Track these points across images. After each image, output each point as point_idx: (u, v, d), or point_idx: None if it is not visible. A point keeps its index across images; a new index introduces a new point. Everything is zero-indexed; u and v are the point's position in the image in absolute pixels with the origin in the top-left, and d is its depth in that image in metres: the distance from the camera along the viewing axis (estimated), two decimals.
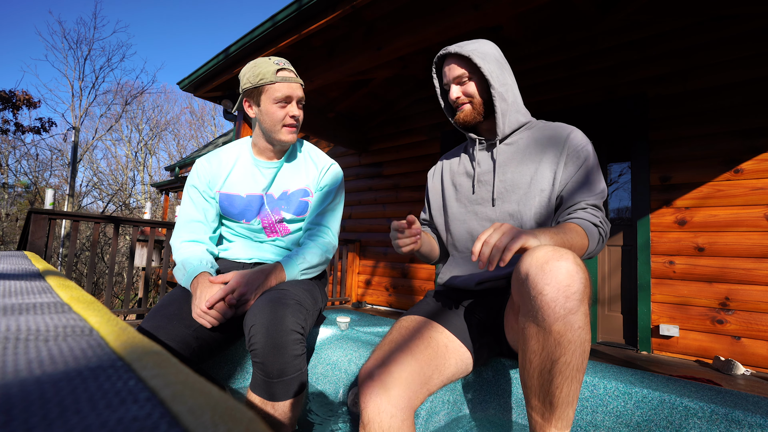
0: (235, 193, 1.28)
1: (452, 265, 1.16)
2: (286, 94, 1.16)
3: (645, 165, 2.90)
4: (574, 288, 0.70)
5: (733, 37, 2.65)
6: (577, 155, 1.03)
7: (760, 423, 0.79)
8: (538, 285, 0.71)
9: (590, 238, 0.96)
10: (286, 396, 1.00)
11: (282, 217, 1.29)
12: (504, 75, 1.08)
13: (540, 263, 0.72)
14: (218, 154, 1.32)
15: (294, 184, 1.31)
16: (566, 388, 0.74)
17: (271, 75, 1.15)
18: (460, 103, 1.10)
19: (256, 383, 1.01)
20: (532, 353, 0.76)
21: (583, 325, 0.71)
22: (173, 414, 0.17)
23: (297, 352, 1.02)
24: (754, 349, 2.45)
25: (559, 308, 0.70)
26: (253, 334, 0.99)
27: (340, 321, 1.51)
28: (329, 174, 1.34)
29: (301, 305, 1.08)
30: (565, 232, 0.91)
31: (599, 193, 1.02)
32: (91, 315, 0.39)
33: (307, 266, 1.23)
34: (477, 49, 1.06)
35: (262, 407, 1.00)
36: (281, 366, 0.99)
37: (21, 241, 3.33)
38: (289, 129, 1.21)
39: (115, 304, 10.63)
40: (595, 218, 0.98)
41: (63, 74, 24.86)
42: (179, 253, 1.24)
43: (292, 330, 1.01)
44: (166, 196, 10.25)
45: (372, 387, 0.80)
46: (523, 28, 3.32)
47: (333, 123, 4.42)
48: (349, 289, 4.56)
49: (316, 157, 1.35)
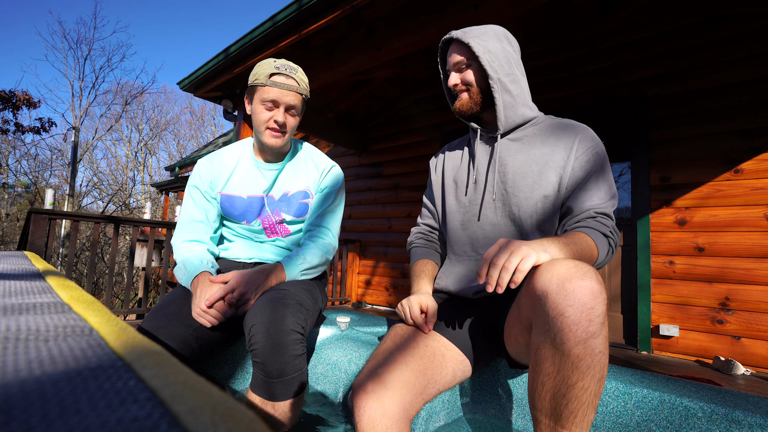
0: (236, 195, 1.28)
1: (449, 268, 1.12)
2: (273, 98, 1.15)
3: (645, 165, 2.90)
4: (598, 311, 0.66)
5: (733, 37, 2.65)
6: (587, 157, 0.97)
7: (760, 423, 0.79)
8: (559, 306, 0.66)
9: (600, 249, 0.91)
10: (286, 396, 1.00)
11: (282, 219, 1.30)
12: (510, 65, 1.01)
13: (560, 281, 0.67)
14: (220, 155, 1.32)
15: (295, 185, 1.31)
16: (581, 414, 0.68)
17: (264, 77, 1.15)
18: (458, 90, 1.06)
19: (257, 383, 1.01)
20: (546, 376, 0.71)
21: (604, 349, 0.67)
22: (173, 414, 0.17)
23: (297, 352, 1.01)
24: (754, 349, 2.45)
25: (581, 332, 0.65)
26: (253, 334, 0.99)
27: (340, 321, 1.51)
28: (330, 176, 1.34)
29: (302, 305, 1.08)
30: (575, 242, 0.85)
31: (610, 200, 0.95)
32: (91, 315, 0.39)
33: (307, 266, 1.23)
34: (481, 36, 1.01)
35: (263, 407, 1.00)
36: (281, 366, 0.98)
37: (21, 241, 3.34)
38: (272, 132, 1.19)
39: (115, 304, 10.62)
40: (605, 228, 0.92)
41: (63, 74, 24.89)
42: (180, 253, 1.24)
43: (293, 330, 1.01)
44: (166, 196, 10.25)
45: (366, 400, 0.79)
46: (523, 28, 3.32)
47: (333, 123, 4.42)
48: (349, 289, 4.56)
49: (317, 159, 1.35)
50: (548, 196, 0.99)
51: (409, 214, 4.31)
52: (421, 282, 1.09)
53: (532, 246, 0.75)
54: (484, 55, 0.99)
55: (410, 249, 1.27)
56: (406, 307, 0.98)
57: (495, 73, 0.99)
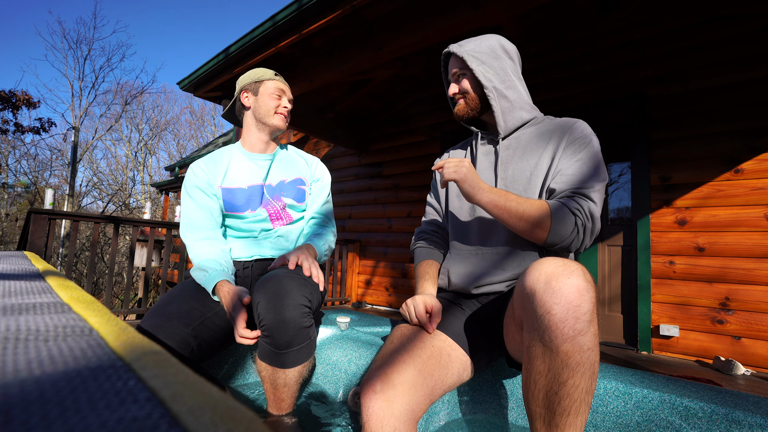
0: (237, 187, 1.33)
1: (451, 261, 1.14)
2: (281, 88, 1.37)
3: (645, 165, 2.90)
4: (584, 308, 0.67)
5: (733, 37, 2.65)
6: (575, 143, 1.00)
7: (760, 423, 0.79)
8: (545, 304, 0.68)
9: (556, 219, 0.91)
10: (295, 363, 1.05)
11: (285, 204, 1.36)
12: (506, 73, 1.08)
13: (547, 279, 0.69)
14: (211, 156, 1.39)
15: (290, 174, 1.40)
16: (574, 411, 0.69)
17: (270, 74, 1.37)
18: (456, 99, 1.15)
19: (265, 353, 1.05)
20: (538, 374, 0.72)
21: (593, 346, 0.68)
22: (173, 414, 0.17)
23: (305, 324, 1.05)
24: (755, 349, 2.45)
25: (568, 329, 0.66)
26: (260, 311, 1.03)
27: (340, 321, 1.51)
28: (321, 167, 1.49)
29: (305, 280, 1.12)
30: (517, 200, 0.94)
31: (594, 183, 0.96)
32: (91, 315, 0.39)
33: (326, 248, 1.36)
34: (474, 48, 1.09)
35: (273, 374, 1.06)
36: (290, 338, 1.02)
37: (21, 241, 3.33)
38: (281, 116, 1.37)
39: (115, 304, 10.63)
40: (574, 205, 0.92)
41: (63, 74, 24.85)
42: (195, 253, 1.25)
43: (300, 304, 1.04)
44: (166, 196, 10.25)
45: (375, 400, 0.79)
46: (523, 28, 3.32)
47: (333, 123, 4.42)
48: (349, 289, 4.55)
49: (302, 154, 1.50)
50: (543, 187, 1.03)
51: (409, 214, 4.31)
52: (425, 283, 1.11)
53: (470, 171, 0.97)
54: (478, 67, 1.07)
55: (414, 250, 1.28)
56: (411, 306, 0.99)
57: (489, 82, 1.07)
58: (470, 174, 0.97)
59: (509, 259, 1.03)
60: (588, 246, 0.96)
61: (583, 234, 0.93)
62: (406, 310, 1.01)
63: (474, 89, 1.10)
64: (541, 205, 0.93)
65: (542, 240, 0.95)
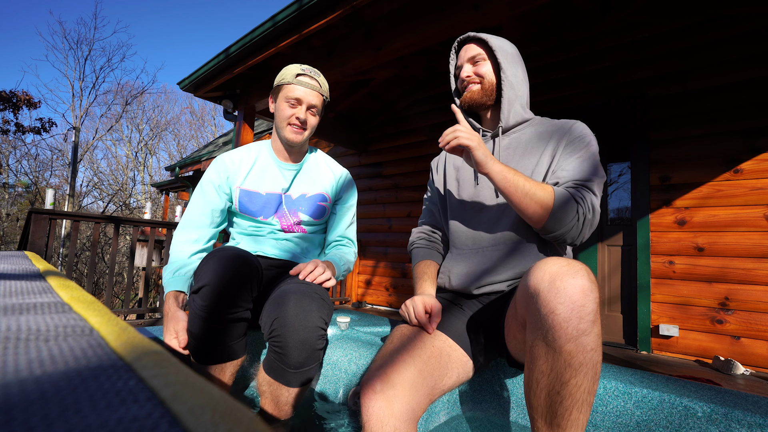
0: (255, 191, 1.31)
1: (452, 261, 1.14)
2: (297, 96, 1.23)
3: (645, 165, 2.90)
4: (588, 308, 0.67)
5: (733, 37, 2.65)
6: (575, 143, 1.02)
7: (759, 423, 0.79)
8: (549, 303, 0.68)
9: (558, 203, 0.91)
10: (302, 383, 1.04)
11: (300, 220, 1.33)
12: (516, 68, 1.11)
13: (551, 279, 0.69)
14: (239, 151, 1.35)
15: (313, 188, 1.36)
16: (576, 411, 0.69)
17: (290, 77, 1.23)
18: (470, 81, 1.12)
19: (272, 367, 1.03)
20: (540, 373, 0.72)
21: (596, 347, 0.68)
22: (173, 414, 0.17)
23: (319, 346, 1.04)
24: (754, 349, 2.45)
25: (572, 329, 0.66)
26: (275, 327, 1.01)
27: (340, 321, 1.51)
28: (347, 185, 1.43)
29: (324, 300, 1.11)
30: (527, 179, 0.92)
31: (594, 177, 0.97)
32: (92, 315, 0.39)
33: (345, 270, 1.34)
34: (496, 38, 1.11)
35: (277, 390, 1.04)
36: (303, 359, 1.01)
37: (21, 241, 3.34)
38: (293, 128, 1.25)
39: (116, 304, 10.63)
40: (578, 194, 0.93)
41: (63, 74, 24.82)
42: (177, 250, 1.26)
43: (317, 326, 1.03)
44: (166, 196, 10.25)
45: (375, 399, 0.79)
46: (523, 28, 3.32)
47: (333, 123, 4.42)
48: (349, 289, 4.55)
49: (331, 164, 1.43)
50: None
51: (409, 214, 4.31)
52: (424, 284, 1.11)
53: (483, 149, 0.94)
54: (500, 50, 1.08)
55: (412, 250, 1.27)
56: (410, 307, 0.99)
57: (508, 68, 1.08)
58: (483, 142, 0.96)
59: (511, 258, 1.03)
60: (585, 239, 0.96)
61: (582, 224, 0.93)
62: (406, 311, 1.01)
63: (490, 76, 1.11)
64: (547, 187, 0.93)
65: (542, 223, 0.94)
